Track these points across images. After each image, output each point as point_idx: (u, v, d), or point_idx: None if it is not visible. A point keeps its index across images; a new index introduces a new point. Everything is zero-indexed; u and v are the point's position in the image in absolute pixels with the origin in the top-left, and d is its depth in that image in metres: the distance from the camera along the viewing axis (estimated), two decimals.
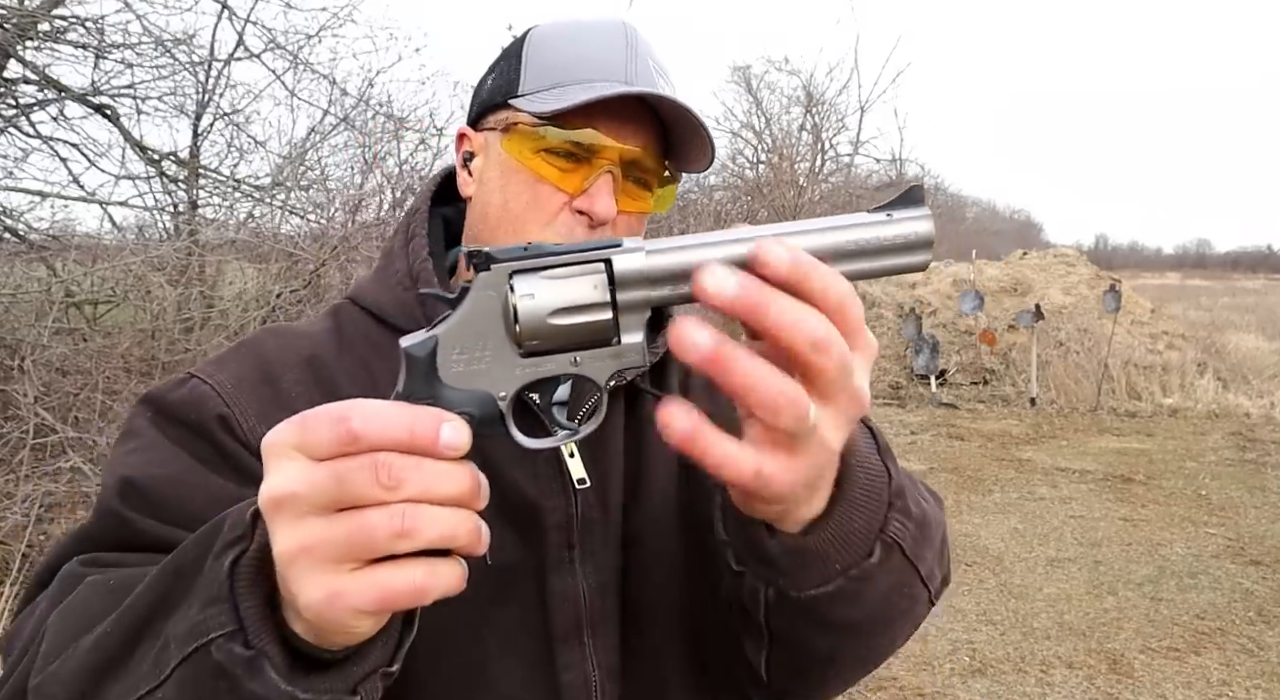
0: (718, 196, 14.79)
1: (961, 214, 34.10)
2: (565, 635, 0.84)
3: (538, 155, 0.86)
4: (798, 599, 0.67)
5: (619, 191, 0.86)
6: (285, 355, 0.88)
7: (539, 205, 0.86)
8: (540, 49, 0.90)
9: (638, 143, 0.86)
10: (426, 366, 0.59)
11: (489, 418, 0.59)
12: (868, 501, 0.65)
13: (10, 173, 5.51)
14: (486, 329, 0.59)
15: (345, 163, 7.43)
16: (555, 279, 0.58)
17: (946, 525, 0.83)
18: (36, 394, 4.40)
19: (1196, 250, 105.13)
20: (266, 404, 0.84)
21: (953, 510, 6.89)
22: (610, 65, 0.86)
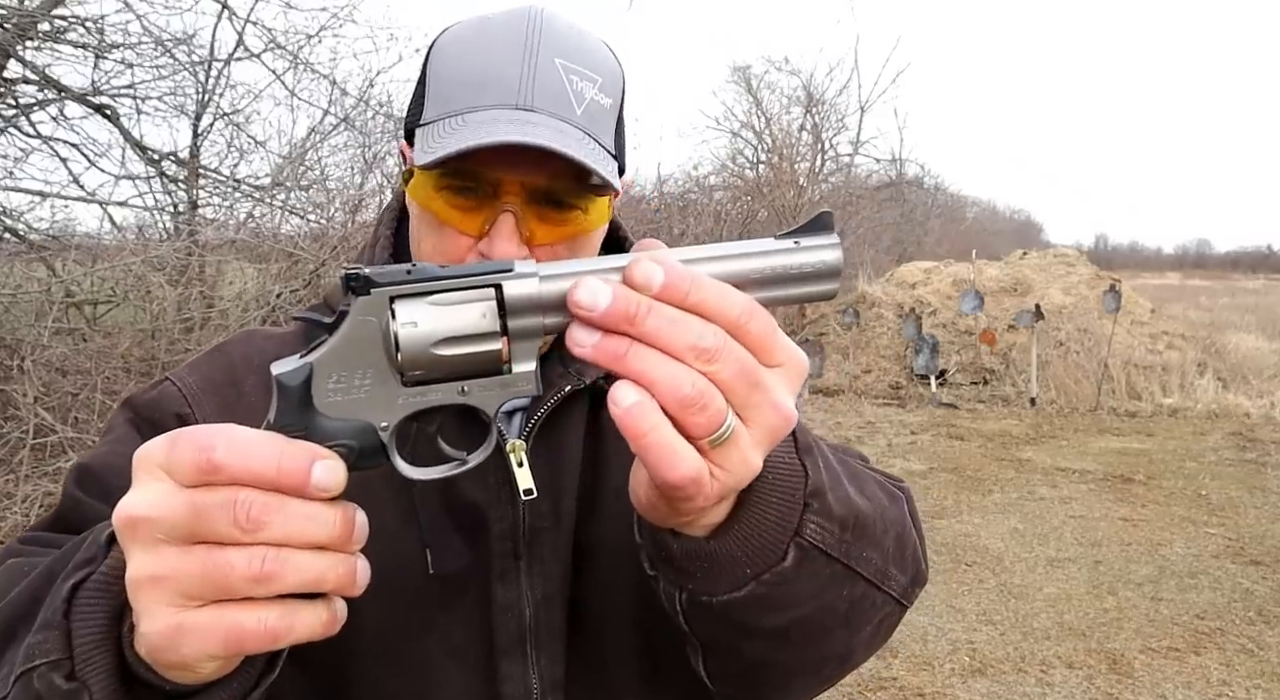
0: (718, 197, 14.80)
1: (961, 214, 34.08)
2: (508, 647, 0.82)
3: (439, 195, 0.81)
4: (710, 604, 0.65)
5: (531, 223, 0.80)
6: (252, 358, 0.88)
7: (444, 250, 0.81)
8: (439, 64, 0.83)
9: (544, 172, 0.78)
10: (300, 395, 0.55)
11: (370, 449, 0.56)
12: (779, 503, 0.63)
13: (10, 173, 5.52)
14: (365, 356, 0.55)
15: (345, 163, 7.44)
16: (441, 306, 0.54)
17: (911, 521, 0.79)
18: (36, 394, 4.40)
19: (1196, 250, 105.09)
20: (228, 405, 0.84)
21: (953, 510, 6.89)
22: (503, 85, 0.78)
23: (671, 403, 0.52)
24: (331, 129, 7.13)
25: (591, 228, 0.84)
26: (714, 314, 0.53)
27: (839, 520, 0.66)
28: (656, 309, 0.52)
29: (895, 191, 22.19)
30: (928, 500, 7.16)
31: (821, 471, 0.65)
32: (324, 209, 7.05)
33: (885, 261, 18.51)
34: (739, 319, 0.53)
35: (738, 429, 0.54)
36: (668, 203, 12.83)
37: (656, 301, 0.52)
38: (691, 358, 0.52)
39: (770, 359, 0.55)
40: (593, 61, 0.82)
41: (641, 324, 0.52)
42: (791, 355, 0.56)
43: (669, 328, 0.52)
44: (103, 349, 5.01)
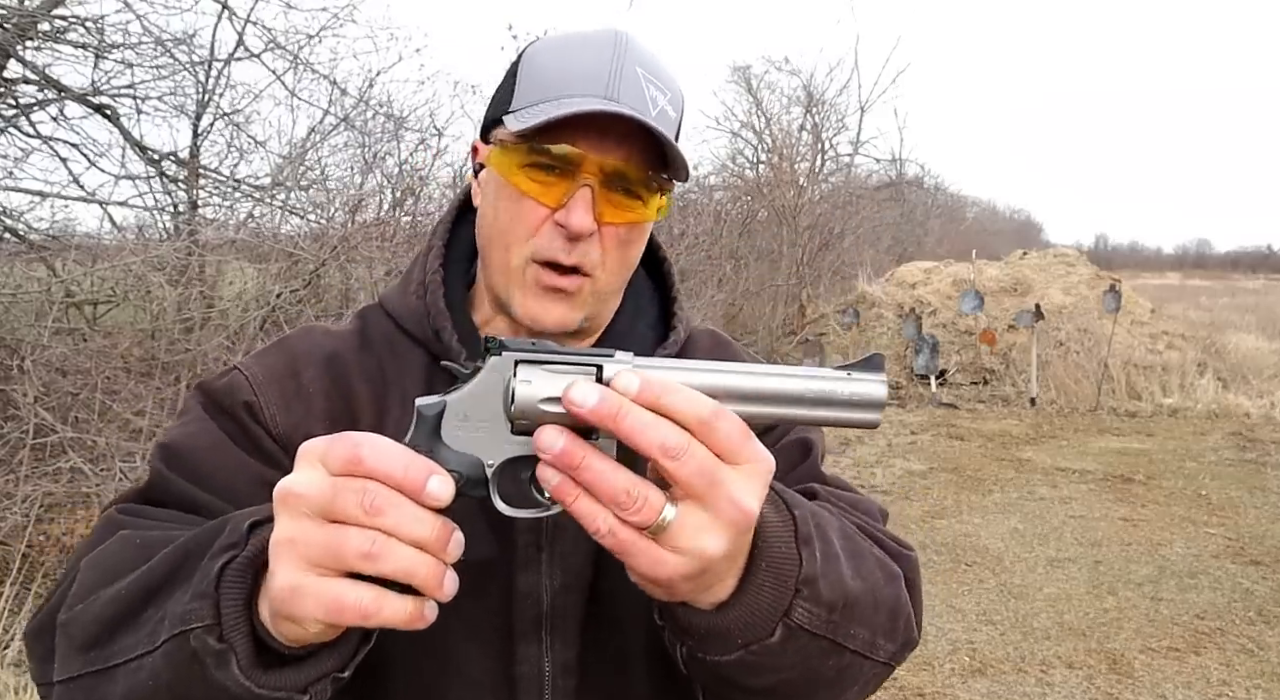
0: (718, 196, 14.79)
1: (961, 214, 34.07)
2: (525, 630, 0.90)
3: (522, 170, 0.89)
4: (704, 661, 0.74)
5: (602, 203, 0.88)
6: (311, 352, 0.96)
7: (522, 219, 0.90)
8: (532, 64, 0.92)
9: (620, 155, 0.88)
10: (432, 425, 0.68)
11: (475, 480, 0.68)
12: (771, 587, 0.71)
13: (10, 173, 5.51)
14: (488, 405, 0.68)
15: (345, 163, 7.44)
16: (552, 374, 0.66)
17: (907, 594, 0.85)
18: (36, 394, 4.40)
19: (1196, 250, 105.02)
20: (289, 396, 0.93)
21: (953, 510, 6.89)
22: (593, 79, 0.88)
23: (609, 504, 0.63)
24: (331, 129, 7.13)
25: (649, 218, 0.93)
26: (677, 416, 0.63)
27: (828, 604, 0.73)
28: (633, 414, 0.62)
29: (895, 191, 22.18)
30: (928, 500, 7.16)
31: (816, 560, 0.73)
32: (324, 209, 7.05)
33: (885, 261, 18.51)
34: (705, 420, 0.63)
35: (680, 520, 0.63)
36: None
37: (634, 406, 0.63)
38: (658, 453, 0.62)
39: (736, 458, 0.64)
40: (666, 77, 0.92)
41: (618, 425, 0.62)
42: (758, 457, 0.65)
43: (638, 433, 0.62)
44: (103, 349, 5.01)
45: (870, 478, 7.72)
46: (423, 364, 0.96)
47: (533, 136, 0.87)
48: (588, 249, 0.89)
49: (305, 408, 0.92)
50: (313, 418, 0.92)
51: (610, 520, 0.63)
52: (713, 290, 11.82)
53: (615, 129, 0.87)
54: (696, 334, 1.09)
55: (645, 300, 1.07)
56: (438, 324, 0.95)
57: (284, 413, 0.92)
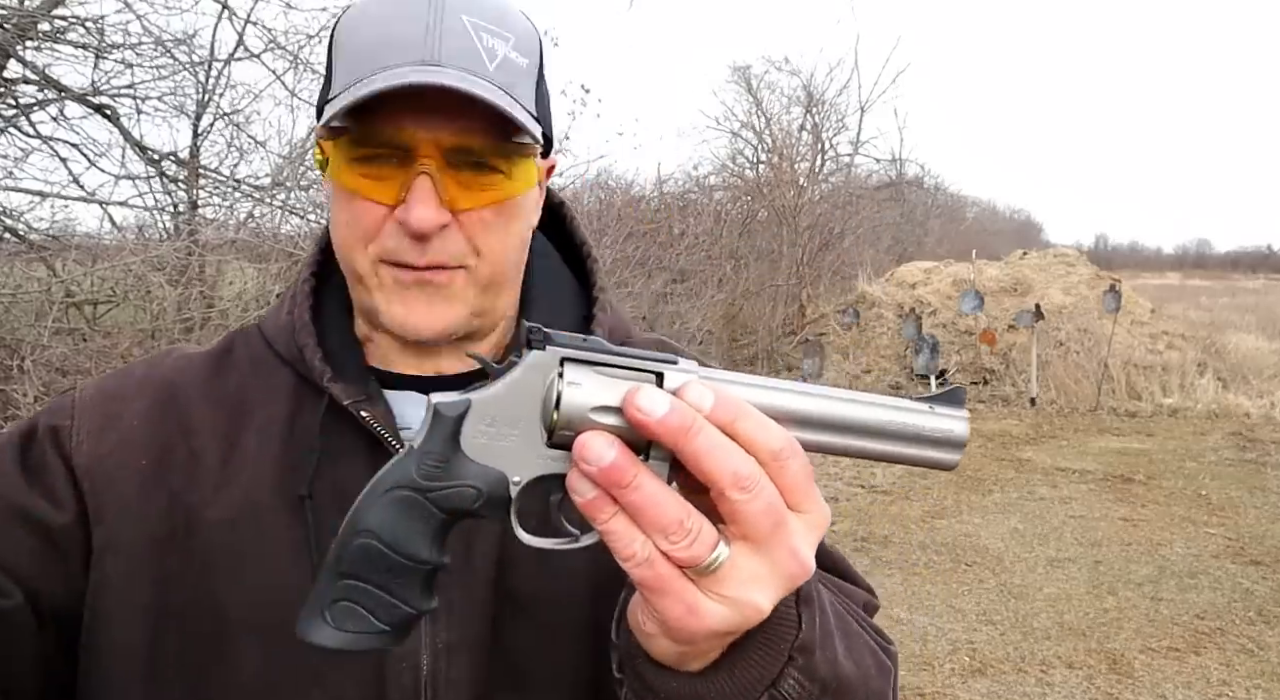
0: (717, 196, 14.79)
1: (961, 214, 34.07)
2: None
3: (351, 166, 0.74)
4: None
5: (450, 187, 0.73)
6: (150, 378, 0.85)
7: (360, 223, 0.76)
8: (344, 38, 0.77)
9: (457, 127, 0.72)
10: (451, 428, 0.57)
11: (497, 499, 0.57)
12: (764, 649, 0.61)
13: (10, 173, 5.51)
14: (521, 409, 0.57)
15: None
16: (605, 377, 0.56)
17: (890, 692, 0.74)
18: (36, 394, 4.40)
19: (1196, 250, 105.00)
20: (107, 423, 0.81)
21: (953, 510, 6.89)
22: (409, 43, 0.72)
23: (655, 532, 0.53)
24: None
25: (516, 192, 0.77)
26: (750, 445, 0.54)
27: (820, 681, 0.63)
28: (706, 433, 0.53)
29: (895, 191, 22.17)
30: (928, 500, 7.16)
31: (815, 627, 0.63)
32: (324, 209, 7.04)
33: (885, 261, 18.50)
34: (779, 453, 0.55)
35: (732, 563, 0.54)
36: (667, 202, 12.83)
37: (709, 424, 0.54)
38: (729, 482, 0.53)
39: (798, 504, 0.56)
40: (504, 20, 0.77)
41: (688, 443, 0.53)
42: (819, 507, 0.57)
43: (715, 449, 0.53)
44: (103, 349, 5.01)
45: (870, 478, 7.72)
46: (290, 385, 0.82)
47: (350, 126, 0.73)
48: (443, 245, 0.75)
49: (120, 438, 0.80)
50: (130, 448, 0.79)
51: (650, 549, 0.53)
52: (713, 290, 11.82)
53: (448, 98, 0.71)
54: (637, 342, 0.91)
55: (564, 296, 0.91)
56: (301, 340, 0.82)
57: (93, 440, 0.79)
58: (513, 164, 0.76)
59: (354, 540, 0.58)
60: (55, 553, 0.76)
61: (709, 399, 0.54)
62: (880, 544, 6.07)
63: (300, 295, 0.85)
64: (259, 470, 0.78)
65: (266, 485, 0.78)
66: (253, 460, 0.79)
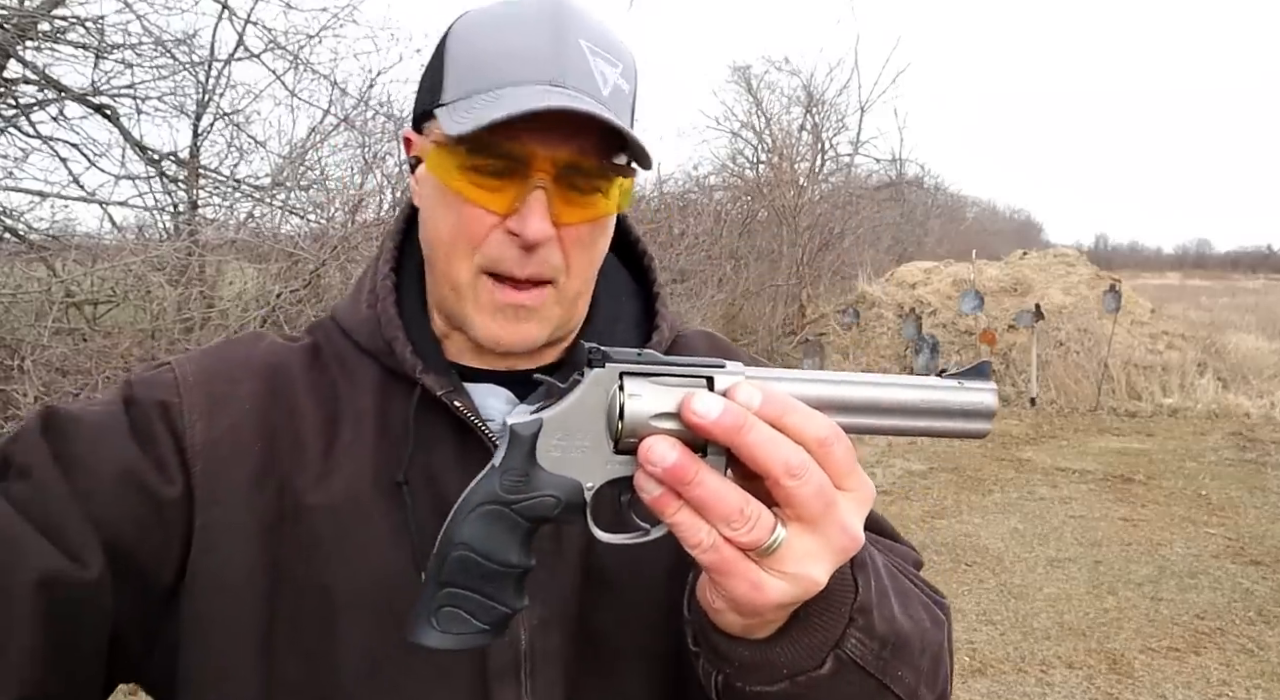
0: (718, 196, 14.79)
1: (961, 214, 34.07)
2: (501, 671, 0.80)
3: (462, 174, 0.78)
4: (743, 691, 0.69)
5: (558, 203, 0.78)
6: (252, 360, 0.87)
7: (465, 228, 0.79)
8: (461, 45, 0.81)
9: (573, 147, 0.77)
10: (528, 446, 0.64)
11: (574, 504, 0.64)
12: (826, 615, 0.67)
13: (10, 173, 5.51)
14: (588, 421, 0.64)
15: (345, 163, 7.43)
16: (662, 386, 0.63)
17: (946, 642, 0.81)
18: (36, 394, 4.39)
19: (1196, 250, 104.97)
20: (216, 403, 0.82)
21: (953, 510, 6.89)
22: (534, 61, 0.76)
23: (719, 521, 0.59)
24: (332, 129, 7.12)
25: (610, 211, 0.83)
26: (798, 435, 0.60)
27: (880, 638, 0.69)
28: (757, 430, 0.59)
29: (895, 191, 22.17)
30: (927, 500, 7.16)
31: (871, 589, 0.69)
32: (324, 209, 7.04)
33: (885, 261, 18.50)
34: (825, 441, 0.60)
35: (789, 543, 0.60)
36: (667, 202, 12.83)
37: (759, 421, 0.59)
38: (781, 471, 0.58)
39: (846, 483, 0.62)
40: (615, 47, 0.82)
41: (741, 440, 0.59)
42: (864, 484, 0.63)
43: (766, 442, 0.59)
44: (103, 349, 5.01)
45: (870, 478, 7.69)
46: (375, 379, 0.86)
47: (469, 136, 0.75)
48: (546, 256, 0.79)
49: (233, 421, 0.82)
50: (241, 433, 0.82)
51: (715, 537, 0.59)
52: (713, 290, 11.82)
53: (565, 118, 0.75)
54: (690, 336, 0.99)
55: (624, 298, 0.96)
56: (389, 335, 0.85)
57: (205, 420, 0.81)
58: (611, 184, 0.81)
59: (451, 552, 0.64)
60: (159, 524, 0.78)
61: (757, 397, 0.60)
62: None
63: (383, 290, 0.89)
64: (358, 460, 0.83)
65: (365, 474, 0.82)
66: (351, 450, 0.83)
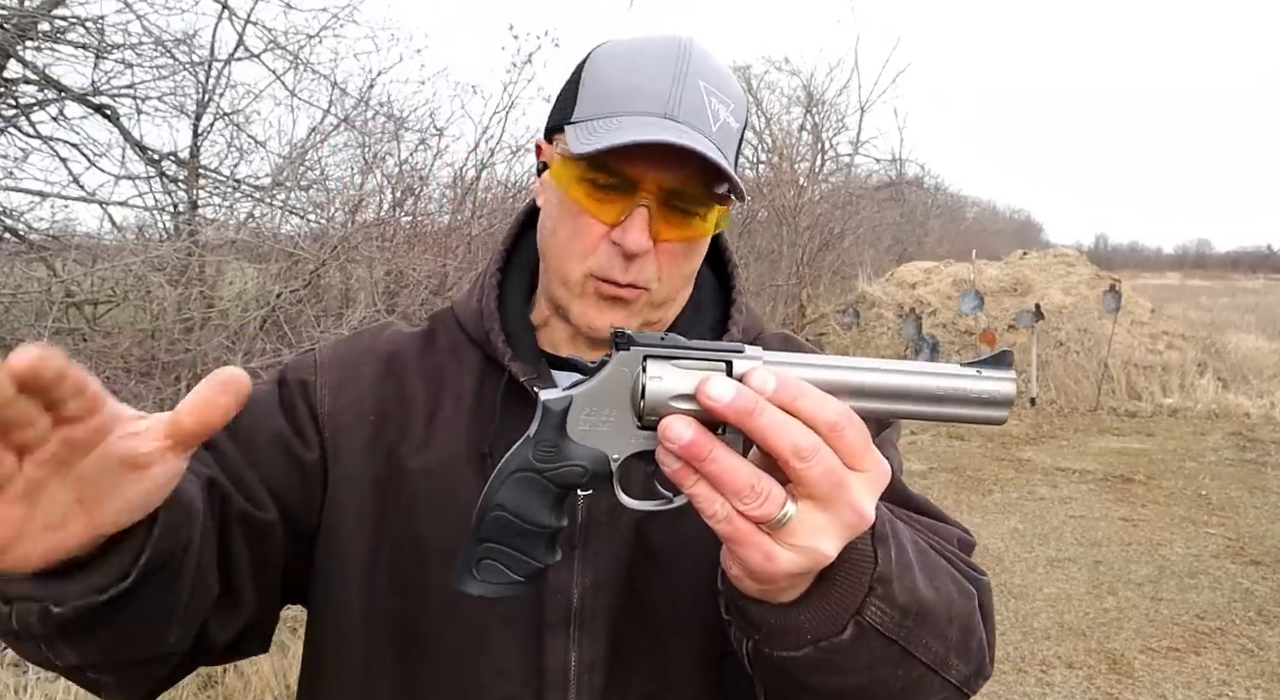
0: None
1: (961, 214, 34.06)
2: (554, 624, 0.92)
3: (580, 184, 0.91)
4: (771, 656, 0.74)
5: (659, 222, 0.90)
6: (376, 348, 1.04)
7: (579, 235, 0.92)
8: (595, 72, 0.94)
9: (678, 175, 0.89)
10: (558, 420, 0.70)
11: (600, 474, 0.70)
12: (846, 584, 0.71)
13: (10, 173, 5.51)
14: (614, 399, 0.69)
15: (345, 163, 7.42)
16: (682, 369, 0.67)
17: (980, 615, 0.84)
18: None
19: (1196, 250, 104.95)
20: (345, 382, 1.00)
21: (953, 510, 6.89)
22: (655, 96, 0.89)
23: (732, 496, 0.63)
24: (332, 129, 7.11)
25: (706, 233, 0.95)
26: (809, 419, 0.63)
27: (901, 607, 0.73)
28: (768, 414, 0.62)
29: (895, 191, 22.17)
30: None
31: (892, 560, 0.72)
32: (324, 209, 7.04)
33: (885, 261, 18.50)
34: (836, 425, 0.63)
35: (799, 518, 0.63)
36: None
37: (769, 405, 0.63)
38: (789, 453, 0.62)
39: (858, 464, 0.65)
40: (729, 88, 0.93)
41: (752, 423, 0.62)
42: (878, 463, 0.66)
43: (776, 426, 0.62)
44: (103, 349, 5.00)
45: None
46: (478, 364, 1.00)
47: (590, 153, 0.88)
48: (643, 267, 0.92)
49: (355, 396, 0.99)
50: (361, 407, 0.98)
51: (729, 509, 0.63)
52: None
53: (676, 149, 0.87)
54: (766, 338, 1.08)
55: (707, 302, 1.08)
56: (488, 325, 1.00)
57: (333, 396, 0.99)
58: (709, 210, 0.93)
59: (490, 513, 0.71)
60: (302, 481, 0.96)
61: (771, 382, 0.64)
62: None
63: (488, 286, 1.03)
64: (454, 432, 0.97)
65: (460, 444, 0.96)
66: (450, 424, 0.97)
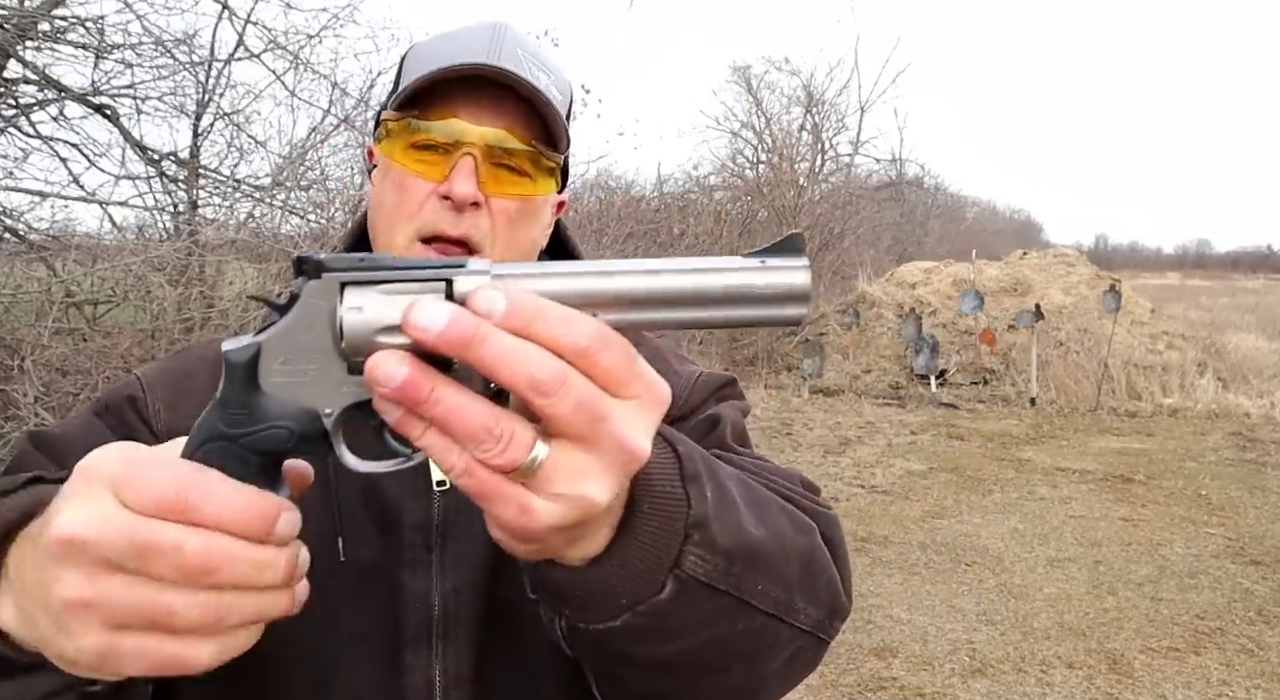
0: (718, 196, 14.80)
1: (961, 214, 34.08)
2: (413, 637, 0.84)
3: (405, 152, 0.89)
4: (587, 631, 0.63)
5: (486, 175, 0.88)
6: (205, 358, 0.96)
7: (405, 197, 0.89)
8: (414, 57, 0.95)
9: (500, 124, 0.88)
10: (246, 373, 0.55)
11: (311, 434, 0.56)
12: (655, 532, 0.61)
13: (10, 173, 5.51)
14: (313, 341, 0.55)
15: (345, 163, 7.43)
16: (390, 295, 0.53)
17: (826, 551, 0.76)
18: (36, 394, 4.40)
19: (1196, 250, 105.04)
20: (177, 394, 0.92)
21: (953, 510, 6.89)
22: (472, 50, 0.89)
23: (466, 442, 0.51)
24: (332, 129, 7.13)
25: (537, 193, 0.92)
26: (551, 344, 0.50)
27: (725, 552, 0.63)
28: (492, 341, 0.49)
29: (895, 191, 22.19)
30: (928, 500, 7.17)
31: (707, 501, 0.63)
32: (324, 209, 7.05)
33: (885, 261, 18.51)
34: (586, 349, 0.51)
35: (553, 461, 0.52)
36: (667, 202, 12.84)
37: (495, 331, 0.50)
38: (526, 388, 0.49)
39: (623, 391, 0.52)
40: (548, 62, 0.93)
41: (475, 355, 0.49)
42: (650, 387, 0.53)
43: (506, 356, 0.49)
44: (103, 349, 5.01)
45: (870, 478, 7.72)
46: None
47: (410, 108, 0.88)
48: (476, 220, 0.88)
49: (192, 405, 0.84)
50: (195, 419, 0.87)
51: (467, 460, 0.51)
52: None
53: (495, 103, 0.88)
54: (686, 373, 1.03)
55: None
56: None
57: (168, 409, 0.91)
58: (538, 170, 0.91)
59: None
60: None
61: (500, 303, 0.50)
62: (880, 544, 6.08)
63: None
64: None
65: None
66: None
